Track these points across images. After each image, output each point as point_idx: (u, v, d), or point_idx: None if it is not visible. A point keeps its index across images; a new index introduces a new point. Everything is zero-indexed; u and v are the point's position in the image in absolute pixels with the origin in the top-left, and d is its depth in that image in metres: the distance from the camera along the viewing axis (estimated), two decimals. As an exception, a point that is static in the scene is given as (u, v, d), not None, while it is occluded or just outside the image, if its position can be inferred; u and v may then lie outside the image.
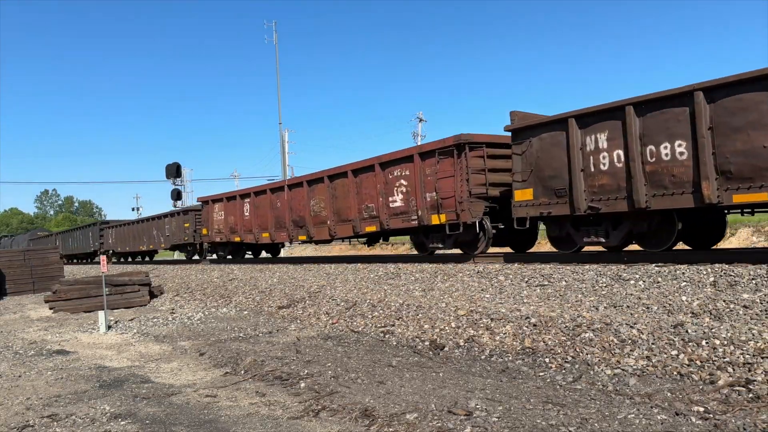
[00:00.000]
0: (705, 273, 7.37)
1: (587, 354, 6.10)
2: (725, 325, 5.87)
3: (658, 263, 8.42)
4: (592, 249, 10.74)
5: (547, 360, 6.24)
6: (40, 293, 18.98)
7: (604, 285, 7.89)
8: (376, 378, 6.01)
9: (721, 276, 7.15)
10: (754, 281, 6.76)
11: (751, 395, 4.66)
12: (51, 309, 13.97)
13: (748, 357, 5.22)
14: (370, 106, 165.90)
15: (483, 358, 6.68)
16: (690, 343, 5.66)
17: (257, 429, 4.64)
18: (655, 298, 7.00)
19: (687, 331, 5.84)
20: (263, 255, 22.22)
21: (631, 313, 6.75)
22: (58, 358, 8.24)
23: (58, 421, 5.10)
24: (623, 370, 5.62)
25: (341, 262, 14.91)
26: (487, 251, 12.17)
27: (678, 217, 8.89)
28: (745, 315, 6.04)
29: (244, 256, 21.78)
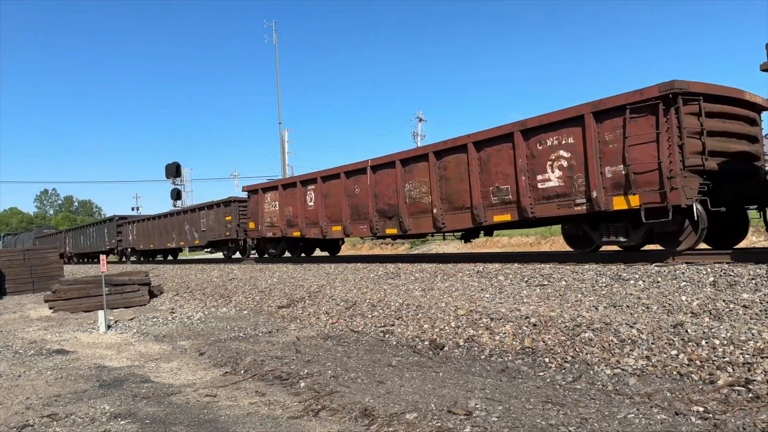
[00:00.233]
0: (705, 273, 7.37)
1: (587, 354, 6.11)
2: (725, 324, 5.87)
3: (657, 263, 8.42)
4: None
5: (546, 360, 6.24)
6: (40, 293, 19.01)
7: (604, 285, 7.90)
8: (376, 378, 6.01)
9: (720, 276, 7.15)
10: (753, 281, 6.76)
11: (750, 395, 4.66)
12: (51, 308, 13.97)
13: (747, 357, 5.23)
14: (370, 106, 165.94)
15: (483, 357, 6.69)
16: (690, 343, 5.67)
17: (257, 428, 4.64)
18: (655, 298, 7.01)
19: (687, 331, 5.85)
20: (317, 253, 19.31)
21: (631, 313, 6.75)
22: (57, 357, 8.24)
23: (58, 421, 5.10)
24: (623, 369, 5.62)
25: (341, 262, 14.93)
26: (696, 247, 9.31)
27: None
28: (744, 315, 6.04)
29: (300, 254, 18.46)
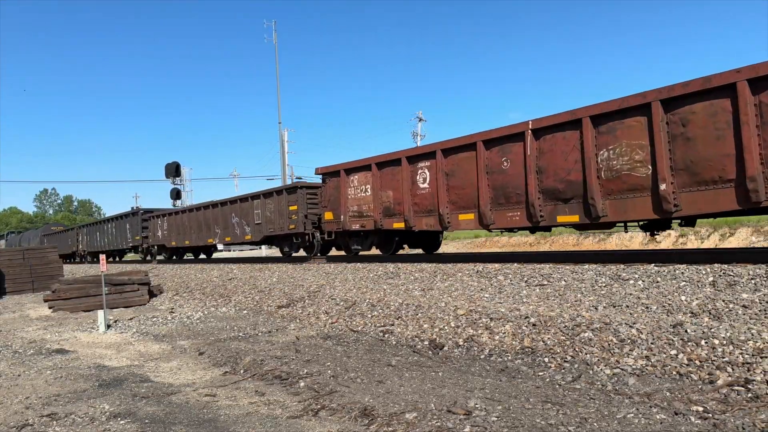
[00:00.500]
0: (704, 273, 7.37)
1: (586, 353, 6.11)
2: (724, 324, 5.87)
3: (657, 263, 8.42)
4: None
5: (546, 359, 6.24)
6: (40, 292, 19.01)
7: (604, 285, 7.90)
8: (376, 377, 6.02)
9: (720, 276, 7.16)
10: (753, 281, 6.76)
11: (750, 395, 4.67)
12: (50, 308, 13.96)
13: (747, 357, 5.23)
14: (370, 106, 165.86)
15: (482, 357, 6.69)
16: (689, 343, 5.67)
17: (256, 428, 4.64)
18: (655, 298, 7.01)
19: (686, 331, 5.85)
20: (411, 251, 15.81)
21: (631, 313, 6.75)
22: (57, 357, 8.24)
23: (58, 420, 5.10)
24: (622, 369, 5.62)
25: (340, 262, 14.92)
26: None
27: None
28: (744, 315, 6.04)
29: (395, 250, 15.00)
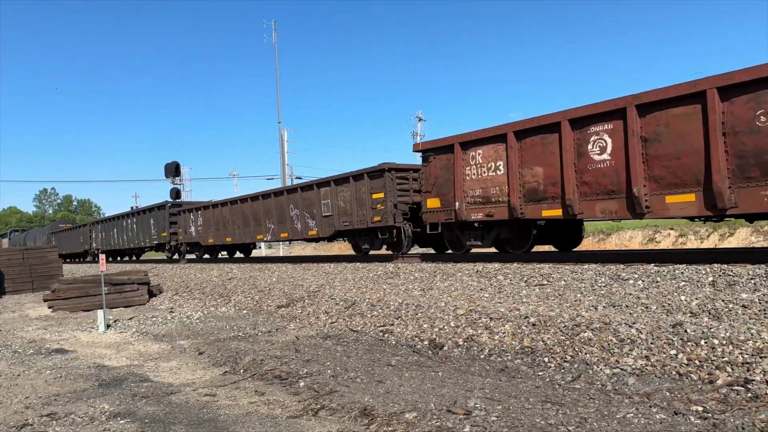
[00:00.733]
0: (704, 273, 7.37)
1: (586, 353, 6.11)
2: (724, 324, 5.87)
3: (656, 263, 8.43)
4: None
5: (546, 359, 6.25)
6: (39, 292, 18.98)
7: (603, 284, 7.90)
8: (375, 377, 6.02)
9: (719, 276, 7.16)
10: (753, 281, 6.76)
11: (749, 395, 4.67)
12: (50, 308, 13.95)
13: (746, 357, 5.23)
14: (369, 106, 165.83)
15: (482, 357, 6.69)
16: (689, 343, 5.67)
17: (256, 428, 4.64)
18: (654, 298, 7.01)
19: (686, 331, 5.85)
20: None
21: (630, 313, 6.75)
22: (57, 357, 8.24)
23: (57, 420, 5.10)
24: (622, 369, 5.62)
25: (340, 262, 14.92)
26: None
27: None
28: (743, 315, 6.05)
29: (531, 246, 11.60)
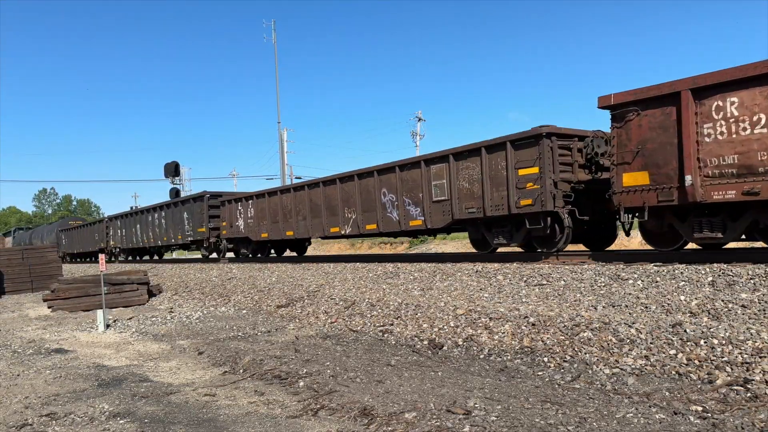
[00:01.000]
0: (703, 273, 7.37)
1: (586, 353, 6.11)
2: (723, 324, 5.88)
3: (656, 263, 8.43)
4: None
5: (545, 359, 6.25)
6: (39, 292, 19.00)
7: (603, 284, 7.90)
8: (375, 377, 6.02)
9: (719, 275, 7.16)
10: (752, 281, 6.77)
11: (749, 395, 4.67)
12: (49, 308, 13.95)
13: (746, 356, 5.24)
14: (369, 106, 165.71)
15: (482, 357, 6.69)
16: (688, 343, 5.67)
17: (256, 428, 4.65)
18: (654, 298, 7.01)
19: (685, 331, 5.85)
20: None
21: (630, 313, 6.75)
22: (56, 356, 8.24)
23: (57, 420, 5.10)
24: (622, 369, 5.62)
25: (340, 261, 14.92)
26: None
27: None
28: (743, 315, 6.05)
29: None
